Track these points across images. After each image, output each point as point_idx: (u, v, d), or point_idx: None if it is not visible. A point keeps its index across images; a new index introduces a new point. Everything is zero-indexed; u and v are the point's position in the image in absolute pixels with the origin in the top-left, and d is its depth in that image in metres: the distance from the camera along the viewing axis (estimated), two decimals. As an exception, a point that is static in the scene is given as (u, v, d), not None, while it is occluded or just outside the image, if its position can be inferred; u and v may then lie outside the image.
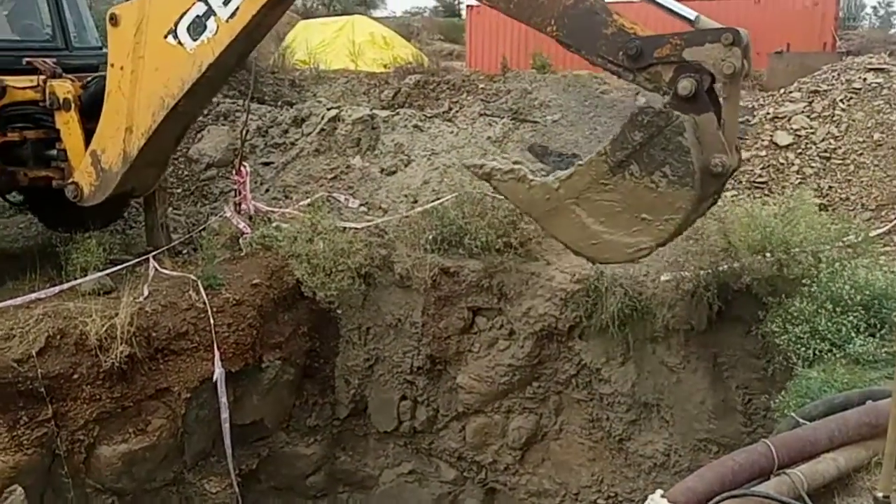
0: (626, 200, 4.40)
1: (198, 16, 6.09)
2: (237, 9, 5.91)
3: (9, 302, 6.76)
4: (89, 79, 7.14)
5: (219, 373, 7.16)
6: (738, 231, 6.85)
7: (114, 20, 6.49)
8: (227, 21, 5.97)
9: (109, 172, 6.87)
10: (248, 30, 5.97)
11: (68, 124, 7.06)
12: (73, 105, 7.01)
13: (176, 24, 6.18)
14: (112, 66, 6.60)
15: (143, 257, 7.82)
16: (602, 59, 4.45)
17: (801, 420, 4.27)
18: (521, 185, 4.66)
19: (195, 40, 6.14)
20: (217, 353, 7.16)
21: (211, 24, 6.05)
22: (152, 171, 7.37)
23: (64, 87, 7.01)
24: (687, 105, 4.18)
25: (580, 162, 4.57)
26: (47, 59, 7.16)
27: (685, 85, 4.13)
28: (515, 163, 4.78)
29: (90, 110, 6.97)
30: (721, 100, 4.26)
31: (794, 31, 17.78)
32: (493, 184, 4.81)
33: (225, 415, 7.29)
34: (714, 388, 7.37)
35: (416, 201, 9.14)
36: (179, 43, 6.21)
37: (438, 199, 8.65)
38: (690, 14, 4.59)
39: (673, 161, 4.21)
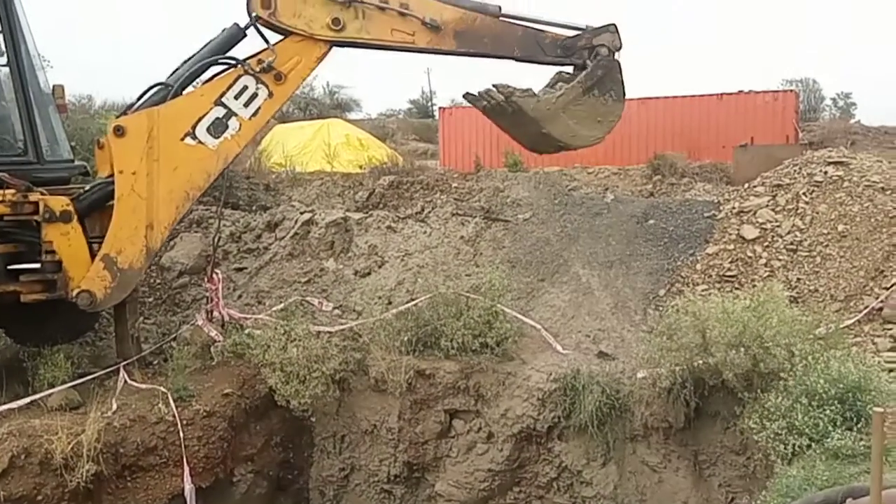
0: (589, 110, 7.72)
1: (217, 118, 6.95)
2: (259, 108, 6.94)
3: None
4: (83, 191, 7.33)
5: (189, 489, 6.93)
6: (713, 326, 6.82)
7: (120, 131, 6.98)
8: (249, 119, 6.96)
9: (131, 271, 7.14)
10: (267, 122, 6.84)
11: (68, 235, 7.08)
12: (73, 216, 7.09)
13: (194, 127, 6.94)
14: (121, 172, 7.01)
15: (112, 368, 7.68)
16: (549, 58, 7.86)
17: (781, 522, 4.19)
18: (533, 98, 7.61)
19: (217, 138, 6.98)
20: (187, 468, 6.94)
21: (233, 123, 6.97)
22: None
23: (60, 201, 7.09)
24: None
25: (566, 86, 7.69)
26: (15, 175, 7.16)
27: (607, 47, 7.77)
28: (525, 89, 7.64)
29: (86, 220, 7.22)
30: None
31: (757, 125, 18.29)
32: (514, 98, 7.52)
33: (195, 534, 7.01)
34: (697, 486, 7.24)
35: (390, 303, 9.11)
36: (200, 143, 6.98)
37: (413, 300, 8.64)
38: (581, 25, 7.84)
39: (616, 87, 7.79)
